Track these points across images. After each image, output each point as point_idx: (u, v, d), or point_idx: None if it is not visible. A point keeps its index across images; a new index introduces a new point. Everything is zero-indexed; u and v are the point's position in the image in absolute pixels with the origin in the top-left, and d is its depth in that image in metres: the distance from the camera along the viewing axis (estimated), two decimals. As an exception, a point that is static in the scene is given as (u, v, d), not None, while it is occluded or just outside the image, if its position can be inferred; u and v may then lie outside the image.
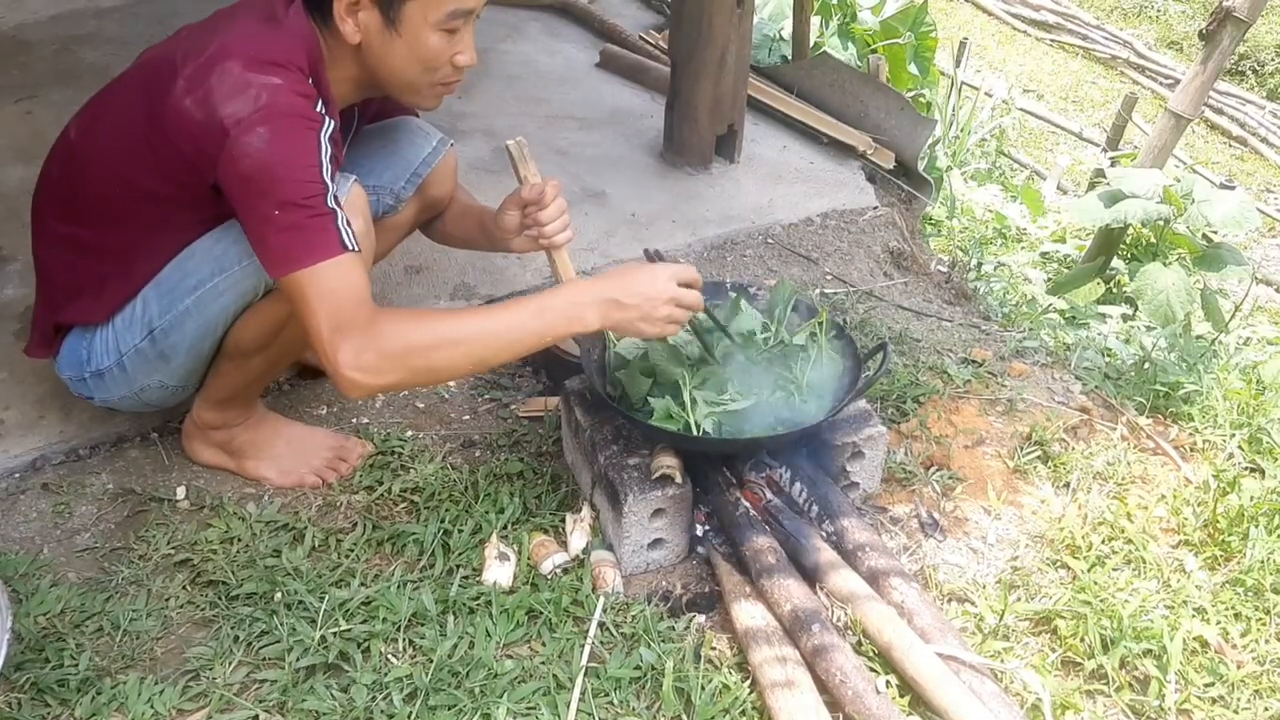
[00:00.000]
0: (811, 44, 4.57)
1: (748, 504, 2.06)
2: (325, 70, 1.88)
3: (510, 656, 1.86)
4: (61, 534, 2.13)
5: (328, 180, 1.78)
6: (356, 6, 1.82)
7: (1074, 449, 2.41)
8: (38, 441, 2.31)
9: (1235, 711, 1.84)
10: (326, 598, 1.93)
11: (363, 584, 1.99)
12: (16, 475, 2.26)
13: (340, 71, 1.91)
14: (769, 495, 2.12)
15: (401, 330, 1.78)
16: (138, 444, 2.34)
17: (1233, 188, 5.36)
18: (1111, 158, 6.40)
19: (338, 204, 1.79)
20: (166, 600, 1.98)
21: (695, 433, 1.99)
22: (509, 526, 2.12)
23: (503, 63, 4.17)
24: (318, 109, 1.82)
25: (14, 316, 2.65)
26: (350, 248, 1.78)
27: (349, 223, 1.80)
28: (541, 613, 1.94)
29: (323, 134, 1.80)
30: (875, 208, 3.50)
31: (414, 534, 2.09)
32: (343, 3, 1.81)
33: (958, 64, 6.59)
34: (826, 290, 3.02)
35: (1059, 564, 2.11)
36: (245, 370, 2.11)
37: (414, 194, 2.28)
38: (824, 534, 2.05)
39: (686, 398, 2.02)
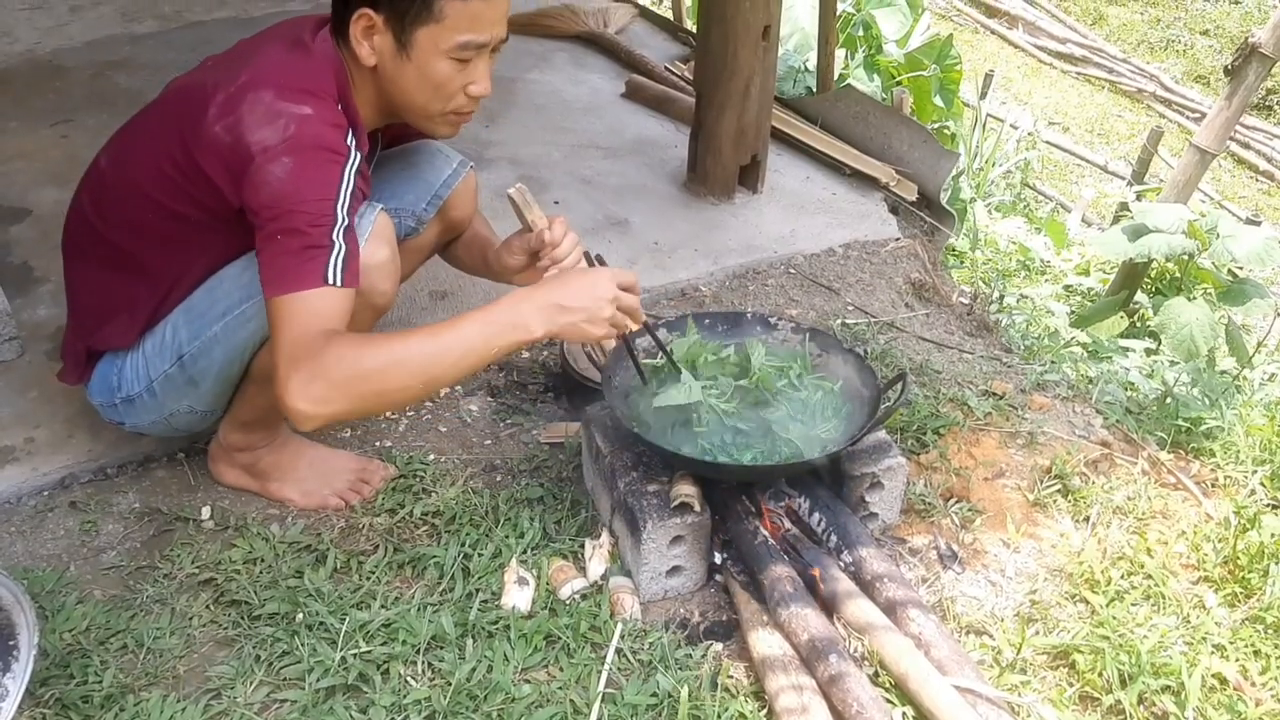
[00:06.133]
0: (836, 76, 4.60)
1: (766, 532, 2.07)
2: (353, 95, 1.92)
3: (528, 681, 1.87)
4: (88, 552, 2.16)
5: (341, 213, 1.78)
6: (372, 30, 1.85)
7: (1094, 483, 2.41)
8: (66, 460, 2.35)
9: (1255, 750, 1.83)
10: (347, 619, 1.95)
11: (383, 606, 2.00)
12: (45, 493, 2.30)
13: (362, 95, 1.95)
14: (787, 524, 2.13)
15: (350, 356, 1.72)
16: (164, 464, 2.38)
17: (1259, 223, 5.35)
18: (1136, 191, 6.39)
19: (345, 239, 1.78)
20: (190, 619, 2.00)
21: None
22: (529, 551, 2.13)
23: (529, 92, 4.21)
24: (347, 141, 1.84)
25: (46, 336, 2.70)
26: (331, 282, 1.75)
27: (347, 259, 1.78)
28: (560, 638, 1.95)
29: (347, 168, 1.81)
30: (897, 239, 3.51)
31: (434, 557, 2.11)
32: (358, 26, 1.84)
33: (983, 96, 6.61)
34: (848, 320, 3.03)
35: (1078, 598, 2.11)
36: (270, 394, 2.12)
37: (435, 216, 2.31)
38: (842, 564, 2.06)
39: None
